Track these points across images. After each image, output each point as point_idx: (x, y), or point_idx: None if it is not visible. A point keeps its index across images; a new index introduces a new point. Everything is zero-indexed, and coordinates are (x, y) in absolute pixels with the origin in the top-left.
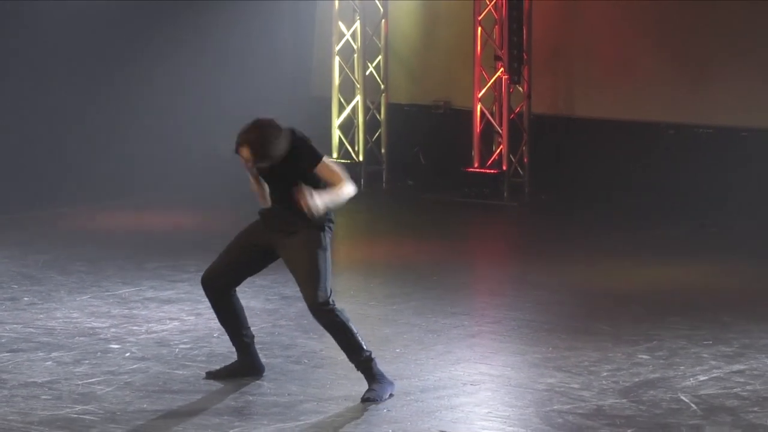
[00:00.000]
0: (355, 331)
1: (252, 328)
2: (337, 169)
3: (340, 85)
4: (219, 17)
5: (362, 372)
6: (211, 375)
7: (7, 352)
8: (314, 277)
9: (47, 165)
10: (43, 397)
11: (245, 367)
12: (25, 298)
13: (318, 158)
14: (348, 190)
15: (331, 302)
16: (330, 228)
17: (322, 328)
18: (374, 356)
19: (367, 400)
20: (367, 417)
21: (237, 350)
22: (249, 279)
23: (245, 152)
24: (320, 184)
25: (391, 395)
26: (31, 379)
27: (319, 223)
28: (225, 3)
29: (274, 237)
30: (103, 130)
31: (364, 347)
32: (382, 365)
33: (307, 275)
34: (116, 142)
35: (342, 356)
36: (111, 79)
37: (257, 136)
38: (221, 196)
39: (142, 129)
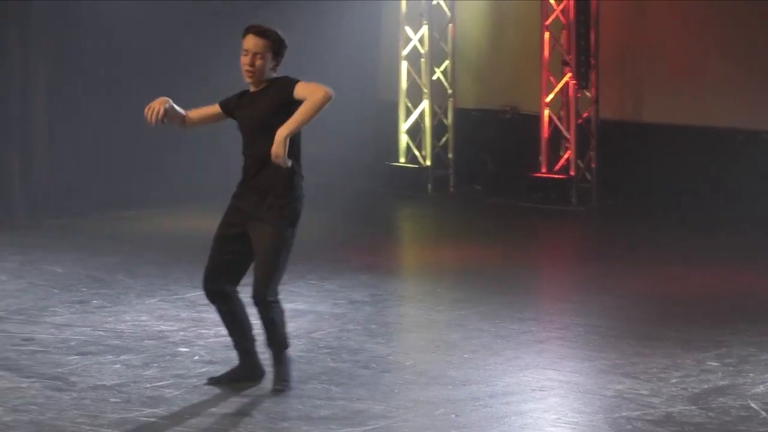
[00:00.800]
0: (283, 322)
1: (320, 333)
2: (314, 83)
3: (407, 89)
4: (283, 20)
5: (273, 357)
6: (213, 381)
7: (76, 355)
8: (272, 272)
9: (116, 168)
10: (112, 400)
11: (245, 371)
12: (94, 301)
13: (296, 80)
14: (321, 92)
15: (277, 299)
16: (299, 207)
17: (389, 332)
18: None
19: (278, 390)
20: (435, 422)
21: (239, 354)
22: (315, 283)
23: (254, 40)
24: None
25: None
26: (100, 383)
27: (290, 211)
28: (291, 6)
29: (246, 221)
30: (169, 133)
31: (288, 342)
32: (450, 370)
33: (266, 268)
34: (182, 144)
35: (410, 361)
36: (178, 82)
37: (272, 32)
38: None
39: (209, 133)
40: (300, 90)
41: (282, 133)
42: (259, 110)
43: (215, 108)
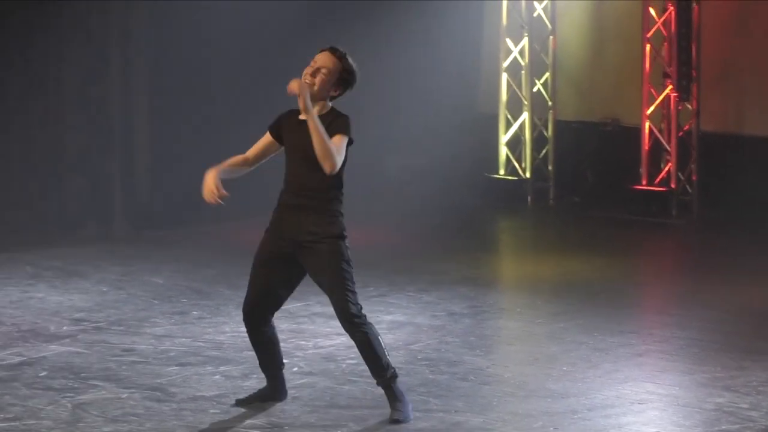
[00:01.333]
0: (384, 347)
1: (418, 344)
2: (341, 150)
3: (507, 101)
4: (388, 33)
5: (384, 390)
6: (241, 402)
7: (176, 365)
8: (345, 289)
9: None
10: (212, 411)
11: (273, 392)
12: (194, 312)
13: (344, 130)
14: (333, 158)
15: (363, 315)
16: (343, 226)
17: (488, 344)
18: (398, 374)
19: (396, 421)
20: None
21: (267, 377)
22: (413, 295)
23: (323, 56)
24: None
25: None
26: (200, 393)
27: (337, 232)
28: (392, 19)
29: (293, 246)
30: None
31: (391, 365)
32: (549, 383)
33: (337, 287)
34: (279, 156)
35: (509, 373)
36: (276, 91)
37: (348, 58)
38: (390, 214)
39: None
40: (334, 139)
41: (311, 113)
42: (310, 140)
43: (267, 138)
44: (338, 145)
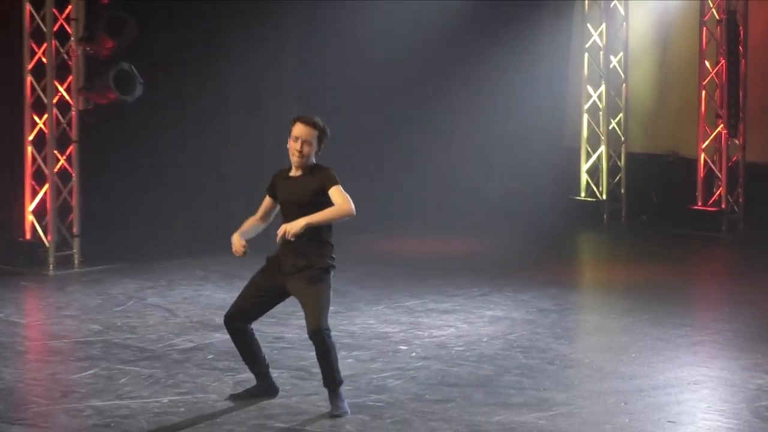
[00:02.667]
0: (336, 357)
1: (514, 335)
2: (346, 196)
3: (587, 137)
4: (490, 80)
5: (330, 392)
6: (234, 397)
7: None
8: (320, 308)
9: (347, 191)
10: (346, 387)
11: (262, 389)
12: (332, 308)
13: (336, 181)
14: (347, 207)
15: (328, 329)
16: (333, 267)
17: (571, 334)
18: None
19: (336, 416)
20: (608, 409)
21: (255, 376)
22: (510, 295)
23: (301, 129)
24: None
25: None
26: None
27: (324, 265)
28: (494, 68)
29: (285, 278)
30: (401, 160)
31: (340, 373)
32: (620, 367)
33: (314, 306)
34: (411, 172)
35: (588, 359)
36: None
37: (319, 122)
38: (490, 229)
39: (425, 162)
40: (333, 194)
41: (305, 221)
42: (305, 191)
43: (268, 200)
44: (341, 196)
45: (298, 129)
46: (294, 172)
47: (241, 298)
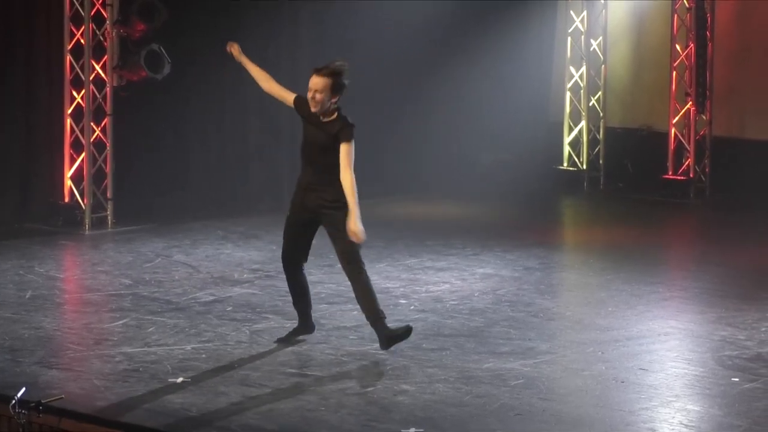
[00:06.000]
0: (372, 290)
1: (502, 290)
2: (352, 158)
3: (570, 112)
4: (485, 61)
5: (374, 327)
6: (281, 340)
7: (325, 303)
8: (354, 248)
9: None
10: (351, 337)
11: (302, 328)
12: (338, 265)
13: (351, 138)
14: (351, 180)
15: (363, 263)
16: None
17: (554, 290)
18: (385, 317)
19: (385, 348)
20: (587, 357)
21: (299, 314)
22: (499, 254)
23: (313, 79)
24: (333, 160)
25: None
26: (342, 324)
27: (344, 205)
28: (488, 49)
29: (315, 211)
30: (400, 131)
31: (380, 307)
32: (598, 320)
33: (350, 246)
34: (409, 143)
35: (569, 312)
36: (408, 90)
37: (332, 70)
38: (483, 194)
39: (422, 133)
40: (342, 149)
41: (358, 223)
42: (326, 136)
43: (289, 96)
44: (345, 159)
45: (312, 80)
46: (321, 118)
47: (284, 242)
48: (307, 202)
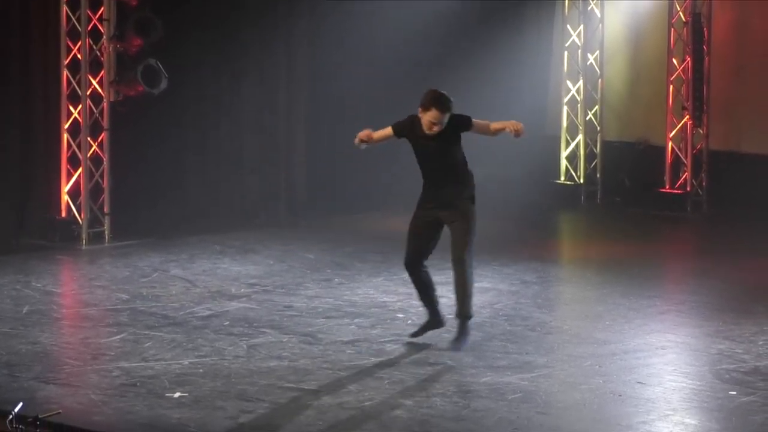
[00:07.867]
0: (471, 290)
1: (500, 304)
2: (486, 121)
3: (567, 126)
4: (481, 75)
5: (460, 321)
6: (414, 335)
7: (323, 318)
8: (468, 241)
9: (354, 180)
10: (348, 351)
11: (434, 322)
12: (336, 279)
13: (469, 117)
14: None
15: (472, 262)
16: (475, 195)
17: (551, 304)
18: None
19: (453, 349)
20: (584, 371)
21: (429, 311)
22: (497, 268)
23: (434, 114)
24: (452, 161)
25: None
26: (339, 339)
27: (470, 195)
28: (480, 65)
29: (439, 212)
30: (397, 146)
31: (470, 306)
32: (595, 333)
33: (463, 237)
34: (408, 157)
35: (566, 326)
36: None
37: (445, 98)
38: (479, 209)
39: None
40: (474, 126)
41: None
42: (447, 143)
43: (389, 132)
44: (484, 123)
45: (433, 115)
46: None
47: (408, 244)
48: (441, 197)
